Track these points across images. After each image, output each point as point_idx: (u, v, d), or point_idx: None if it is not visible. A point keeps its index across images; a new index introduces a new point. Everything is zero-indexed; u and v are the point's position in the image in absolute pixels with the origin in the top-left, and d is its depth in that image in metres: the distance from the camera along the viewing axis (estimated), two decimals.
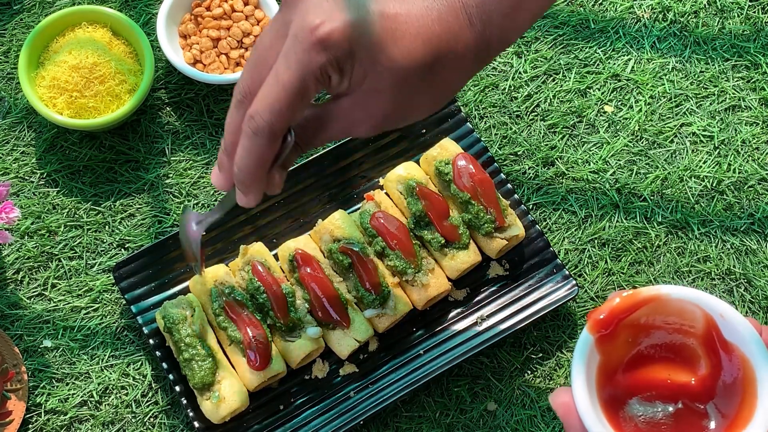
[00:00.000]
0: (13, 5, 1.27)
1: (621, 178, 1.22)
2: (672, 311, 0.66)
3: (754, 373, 0.62)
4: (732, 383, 0.64)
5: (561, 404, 0.63)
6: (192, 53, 1.23)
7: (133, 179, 1.20)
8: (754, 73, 1.28)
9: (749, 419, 0.61)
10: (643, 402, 0.65)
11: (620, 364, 0.66)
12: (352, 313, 1.10)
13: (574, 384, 0.63)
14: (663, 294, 0.65)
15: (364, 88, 0.70)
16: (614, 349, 0.66)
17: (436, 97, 0.73)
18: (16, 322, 1.14)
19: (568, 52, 1.28)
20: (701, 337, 0.65)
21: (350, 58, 0.68)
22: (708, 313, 0.64)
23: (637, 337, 0.66)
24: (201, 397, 1.06)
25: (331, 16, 0.67)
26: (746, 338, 0.63)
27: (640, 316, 0.66)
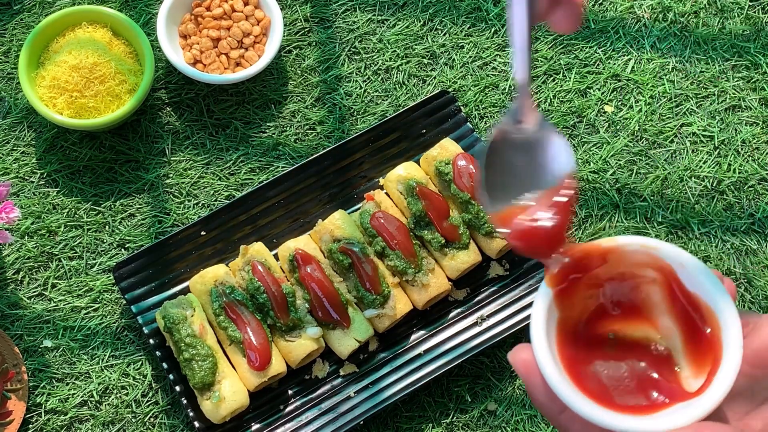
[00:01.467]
0: (13, 5, 1.27)
1: (621, 178, 1.22)
2: (631, 263, 0.64)
3: (718, 321, 0.61)
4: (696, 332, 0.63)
5: (521, 360, 0.60)
6: (192, 53, 1.23)
7: (133, 179, 1.20)
8: (754, 73, 1.28)
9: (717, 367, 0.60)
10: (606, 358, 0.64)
11: (581, 319, 0.64)
12: (352, 313, 1.10)
13: (534, 339, 0.60)
14: (621, 245, 0.63)
15: None
16: (574, 304, 0.64)
17: None
18: (16, 322, 1.14)
19: (568, 52, 1.28)
20: (663, 288, 0.64)
21: None
22: (668, 263, 0.63)
23: (597, 292, 0.65)
24: (201, 397, 1.06)
25: None
26: (708, 287, 0.61)
27: (599, 270, 0.64)
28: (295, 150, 1.22)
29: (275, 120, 1.23)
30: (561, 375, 0.59)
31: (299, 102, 1.24)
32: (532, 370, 0.60)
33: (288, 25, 1.27)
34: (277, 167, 1.21)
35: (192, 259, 1.14)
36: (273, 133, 1.23)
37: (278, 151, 1.22)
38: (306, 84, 1.25)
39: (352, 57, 1.27)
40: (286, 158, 1.22)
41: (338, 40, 1.28)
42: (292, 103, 1.24)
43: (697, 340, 0.62)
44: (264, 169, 1.21)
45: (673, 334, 0.64)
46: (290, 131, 1.23)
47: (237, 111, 1.23)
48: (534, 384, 0.60)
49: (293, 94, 1.25)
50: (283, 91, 1.25)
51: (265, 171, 1.21)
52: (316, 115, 1.23)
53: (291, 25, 1.28)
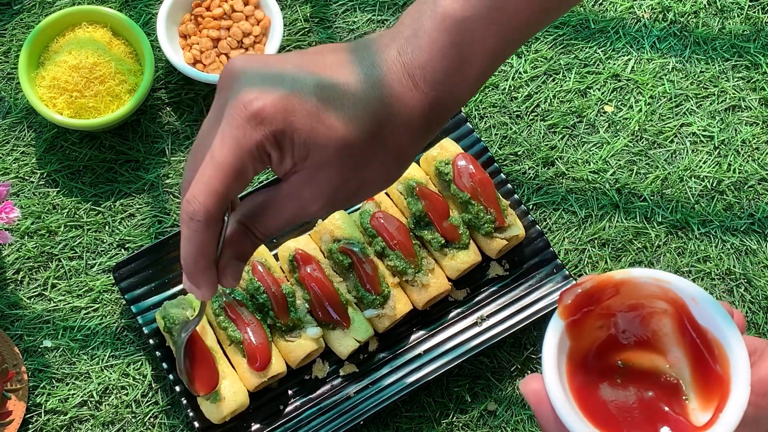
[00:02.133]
0: (13, 5, 1.27)
1: (621, 178, 1.22)
2: (643, 295, 0.65)
3: (727, 356, 0.61)
4: (705, 366, 0.63)
5: (532, 391, 0.62)
6: (192, 53, 1.23)
7: (133, 179, 1.20)
8: (754, 73, 1.28)
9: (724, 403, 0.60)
10: (615, 387, 0.65)
11: (591, 349, 0.65)
12: (352, 313, 1.10)
13: (546, 370, 0.62)
14: (634, 277, 0.64)
15: (308, 164, 0.66)
16: (585, 334, 0.65)
17: (388, 166, 0.68)
18: (16, 322, 1.14)
19: (568, 52, 1.28)
20: (673, 321, 0.65)
21: (288, 132, 0.64)
22: (680, 296, 0.64)
23: (609, 322, 0.66)
24: (201, 397, 1.06)
25: (265, 93, 0.64)
26: (718, 321, 0.62)
27: (611, 301, 0.65)
28: None
29: None
30: (571, 406, 0.60)
31: None
32: (543, 401, 0.61)
33: (288, 25, 1.27)
34: None
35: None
36: None
37: None
38: None
39: None
40: None
41: (338, 40, 1.27)
42: None
43: (706, 374, 0.63)
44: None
45: (682, 365, 0.65)
46: None
47: None
48: (544, 415, 0.61)
49: None
50: None
51: (265, 171, 1.21)
52: None
53: (291, 25, 1.28)
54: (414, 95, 0.66)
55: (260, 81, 0.65)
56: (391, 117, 0.66)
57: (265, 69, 0.66)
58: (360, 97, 0.65)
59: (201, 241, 0.67)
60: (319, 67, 0.66)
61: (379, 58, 0.66)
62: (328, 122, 0.65)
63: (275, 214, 0.69)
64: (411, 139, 0.68)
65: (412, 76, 0.66)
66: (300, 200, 0.68)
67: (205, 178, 0.65)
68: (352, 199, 0.69)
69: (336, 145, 0.65)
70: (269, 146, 0.65)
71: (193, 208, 0.66)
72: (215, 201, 0.65)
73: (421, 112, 0.67)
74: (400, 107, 0.66)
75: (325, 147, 0.65)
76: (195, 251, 0.68)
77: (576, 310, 0.64)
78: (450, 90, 0.67)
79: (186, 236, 0.67)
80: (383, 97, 0.66)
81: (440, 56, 0.66)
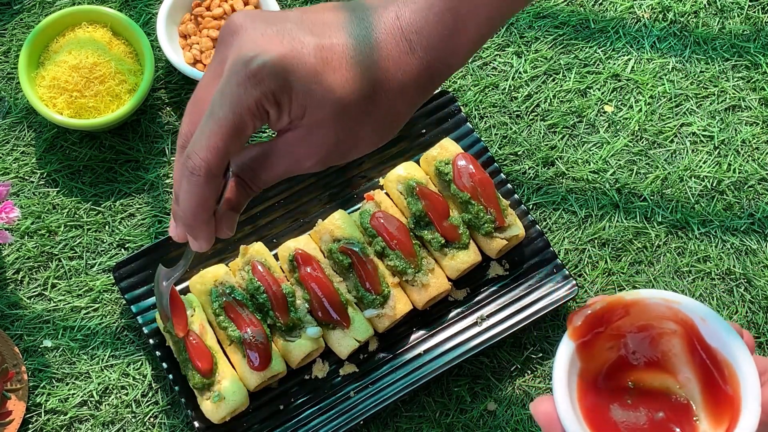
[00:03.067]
0: (13, 5, 1.27)
1: (621, 178, 1.22)
2: (653, 316, 0.65)
3: (737, 376, 0.62)
4: (715, 386, 0.63)
5: (543, 413, 0.62)
6: (192, 53, 1.23)
7: (133, 179, 1.20)
8: (754, 73, 1.28)
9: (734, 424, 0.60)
10: (625, 408, 0.65)
11: (602, 370, 0.66)
12: (352, 313, 1.10)
13: (556, 392, 0.62)
14: (643, 298, 0.64)
15: (304, 122, 0.68)
16: (595, 355, 0.65)
17: (382, 127, 0.70)
18: (16, 322, 1.14)
19: (568, 52, 1.28)
20: (683, 341, 0.65)
21: (286, 90, 0.66)
22: (689, 317, 0.64)
23: (619, 343, 0.66)
24: (201, 397, 1.06)
25: (265, 49, 0.65)
26: (727, 342, 0.62)
27: (621, 322, 0.65)
28: None
29: None
30: (581, 428, 0.61)
31: None
32: (553, 423, 0.62)
33: None
34: None
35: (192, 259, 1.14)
36: (273, 133, 1.23)
37: None
38: None
39: None
40: None
41: None
42: None
43: (716, 394, 0.63)
44: None
45: (692, 385, 0.65)
46: None
47: None
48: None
49: None
50: None
51: None
52: None
53: None
54: (410, 60, 0.68)
55: (260, 38, 0.66)
56: (387, 80, 0.68)
57: (265, 26, 0.67)
58: (357, 60, 0.67)
59: (202, 194, 0.70)
60: (319, 26, 0.67)
61: (377, 20, 0.68)
62: (326, 83, 0.66)
63: (270, 168, 0.71)
64: (404, 103, 0.70)
65: (409, 41, 0.68)
66: (294, 156, 0.70)
67: (205, 134, 0.67)
68: (345, 156, 0.71)
69: (332, 106, 0.67)
70: (268, 104, 0.67)
71: (194, 163, 0.68)
72: (216, 157, 0.68)
73: (416, 77, 0.69)
74: (396, 71, 0.68)
75: (321, 107, 0.67)
76: (196, 204, 0.70)
77: (586, 331, 0.64)
78: (444, 56, 0.69)
79: (187, 190, 0.70)
80: (380, 59, 0.67)
81: (436, 21, 0.68)
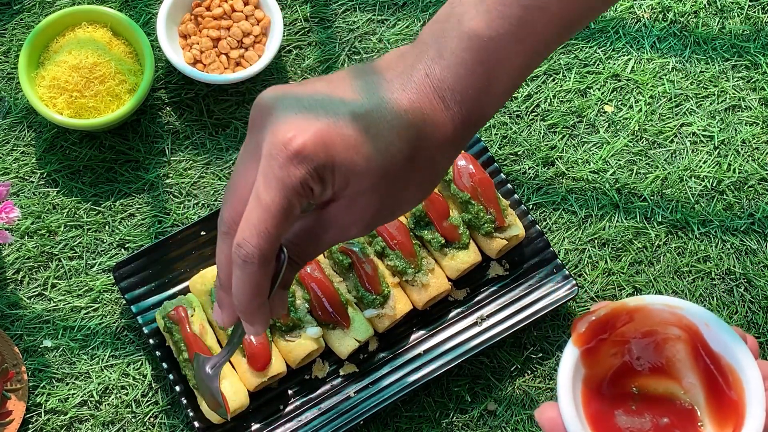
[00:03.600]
0: (13, 5, 1.27)
1: (621, 178, 1.22)
2: (657, 322, 0.65)
3: (741, 382, 0.62)
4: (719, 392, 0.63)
5: (547, 419, 0.63)
6: (192, 53, 1.23)
7: (133, 179, 1.20)
8: (754, 73, 1.28)
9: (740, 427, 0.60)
10: (630, 414, 0.65)
11: (606, 376, 0.66)
12: (352, 313, 1.10)
13: (561, 399, 0.62)
14: (647, 304, 0.65)
15: (348, 192, 0.67)
16: (600, 361, 0.65)
17: (423, 185, 0.70)
18: (16, 322, 1.14)
19: (568, 52, 1.28)
20: (687, 347, 0.65)
21: (329, 166, 0.65)
22: (693, 322, 0.64)
23: (623, 349, 0.66)
24: (201, 397, 1.06)
25: (303, 128, 0.65)
26: (732, 347, 0.62)
27: (625, 328, 0.65)
28: None
29: None
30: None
31: None
32: (558, 429, 0.62)
33: (288, 25, 1.27)
34: None
35: (192, 259, 1.14)
36: None
37: None
38: None
39: (352, 57, 1.27)
40: None
41: (338, 40, 1.28)
42: None
43: (720, 399, 0.63)
44: None
45: (696, 391, 0.65)
46: None
47: (237, 111, 1.24)
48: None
49: None
50: None
51: None
52: None
53: (291, 25, 1.28)
54: (445, 116, 0.67)
55: (294, 114, 0.66)
56: (425, 140, 0.67)
57: (297, 103, 0.66)
58: (394, 124, 0.66)
59: (257, 282, 0.68)
60: (349, 93, 0.67)
61: (408, 79, 0.67)
62: (366, 152, 0.66)
63: (317, 242, 0.71)
64: (443, 158, 0.69)
65: (443, 98, 0.67)
66: (340, 227, 0.70)
67: (254, 220, 0.66)
68: (389, 218, 0.71)
69: (374, 174, 0.66)
70: (313, 182, 0.66)
71: (246, 252, 0.67)
72: (268, 242, 0.67)
73: (453, 132, 0.68)
74: (434, 129, 0.67)
75: (364, 176, 0.66)
76: (252, 292, 0.69)
77: (590, 337, 0.65)
78: (479, 107, 0.68)
79: (241, 279, 0.68)
80: (417, 121, 0.67)
81: (469, 76, 0.67)
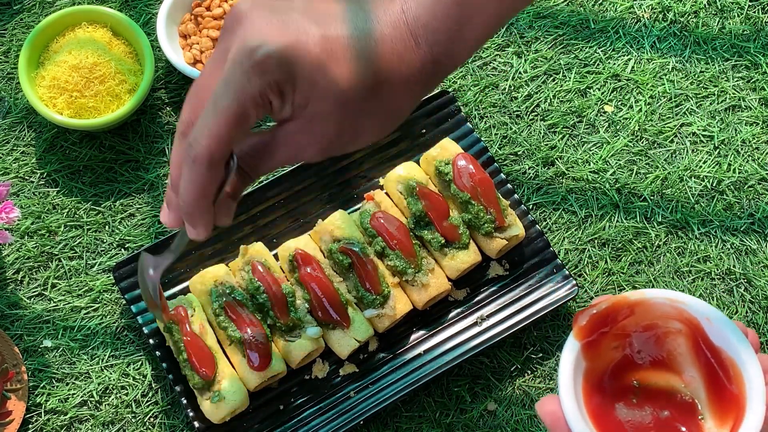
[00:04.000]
0: (13, 5, 1.27)
1: (621, 178, 1.22)
2: (658, 315, 0.65)
3: (742, 376, 0.62)
4: (720, 385, 0.63)
5: (548, 413, 0.62)
6: (192, 53, 1.23)
7: (133, 179, 1.20)
8: (754, 73, 1.28)
9: (739, 423, 0.60)
10: (631, 407, 0.65)
11: (607, 370, 0.66)
12: (352, 313, 1.10)
13: (561, 392, 0.62)
14: (648, 298, 0.65)
15: (307, 113, 0.67)
16: (601, 355, 0.65)
17: (383, 120, 0.70)
18: (16, 322, 1.14)
19: (568, 52, 1.28)
20: (688, 341, 0.65)
21: (290, 81, 0.65)
22: (694, 316, 0.64)
23: (624, 343, 0.66)
24: (201, 397, 1.06)
25: (270, 39, 0.65)
26: (732, 341, 0.62)
27: (626, 321, 0.65)
28: None
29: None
30: (587, 427, 0.61)
31: None
32: (559, 422, 0.62)
33: None
34: None
35: (192, 259, 1.14)
36: None
37: None
38: None
39: None
40: None
41: None
42: None
43: (721, 393, 0.63)
44: None
45: (697, 385, 0.65)
46: None
47: None
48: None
49: None
50: None
51: None
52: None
53: None
54: (414, 54, 0.67)
55: (265, 26, 0.65)
56: (391, 74, 0.67)
57: (270, 14, 0.66)
58: (362, 53, 0.66)
59: (203, 182, 0.69)
60: (324, 16, 0.67)
61: (383, 13, 0.67)
62: (330, 75, 0.65)
63: (270, 157, 0.71)
64: (407, 96, 0.69)
65: (414, 36, 0.67)
66: (295, 146, 0.70)
67: (208, 122, 0.67)
68: (345, 148, 0.71)
69: (335, 98, 0.66)
70: (272, 94, 0.66)
71: (196, 151, 0.67)
72: (219, 145, 0.67)
73: (420, 71, 0.68)
74: (401, 65, 0.67)
75: (324, 99, 0.66)
76: (197, 192, 0.69)
77: (591, 331, 0.64)
78: (450, 51, 0.68)
79: (188, 178, 0.69)
80: (385, 53, 0.67)
81: (443, 15, 0.67)
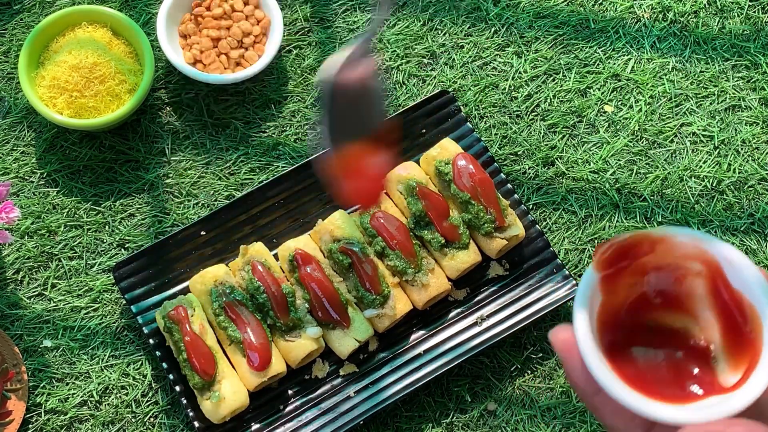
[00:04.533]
0: (13, 5, 1.27)
1: (621, 178, 1.22)
2: (679, 255, 0.64)
3: (760, 320, 0.61)
4: (736, 329, 0.63)
5: (562, 340, 0.61)
6: (192, 53, 1.23)
7: (133, 179, 1.20)
8: (754, 73, 1.28)
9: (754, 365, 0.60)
10: (644, 345, 0.64)
11: (623, 306, 0.65)
12: (352, 313, 1.10)
13: (576, 321, 0.61)
14: (671, 235, 0.64)
15: None
16: (618, 290, 0.64)
17: None
18: (16, 322, 1.14)
19: (568, 52, 1.28)
20: (707, 282, 0.64)
21: None
22: (716, 258, 0.63)
23: (642, 280, 0.65)
24: (201, 397, 1.06)
25: None
26: (752, 285, 0.62)
27: (646, 259, 0.65)
28: (295, 150, 1.22)
29: (275, 120, 1.23)
30: (599, 357, 0.60)
31: (299, 102, 1.24)
32: (572, 350, 0.61)
33: (288, 25, 1.27)
34: (277, 167, 1.21)
35: (192, 259, 1.14)
36: (273, 133, 1.23)
37: (278, 151, 1.22)
38: (306, 84, 1.25)
39: None
40: (286, 158, 1.22)
41: (338, 40, 1.27)
42: (292, 103, 1.24)
43: (737, 337, 0.63)
44: (264, 169, 1.21)
45: (713, 328, 0.65)
46: (290, 131, 1.23)
47: (237, 111, 1.24)
48: (572, 364, 0.61)
49: (293, 94, 1.25)
50: (283, 91, 1.25)
51: (265, 171, 1.21)
52: (317, 115, 1.23)
53: (291, 25, 1.28)
54: None
55: None
56: None
57: None
58: None
59: None
60: None
61: None
62: None
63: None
64: None
65: None
66: None
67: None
68: None
69: None
70: None
71: None
72: None
73: None
74: None
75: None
76: None
77: (611, 263, 0.64)
78: None
79: None
80: None
81: None
